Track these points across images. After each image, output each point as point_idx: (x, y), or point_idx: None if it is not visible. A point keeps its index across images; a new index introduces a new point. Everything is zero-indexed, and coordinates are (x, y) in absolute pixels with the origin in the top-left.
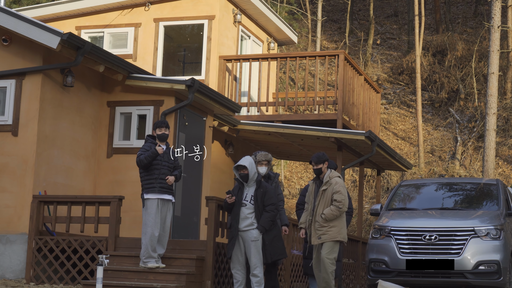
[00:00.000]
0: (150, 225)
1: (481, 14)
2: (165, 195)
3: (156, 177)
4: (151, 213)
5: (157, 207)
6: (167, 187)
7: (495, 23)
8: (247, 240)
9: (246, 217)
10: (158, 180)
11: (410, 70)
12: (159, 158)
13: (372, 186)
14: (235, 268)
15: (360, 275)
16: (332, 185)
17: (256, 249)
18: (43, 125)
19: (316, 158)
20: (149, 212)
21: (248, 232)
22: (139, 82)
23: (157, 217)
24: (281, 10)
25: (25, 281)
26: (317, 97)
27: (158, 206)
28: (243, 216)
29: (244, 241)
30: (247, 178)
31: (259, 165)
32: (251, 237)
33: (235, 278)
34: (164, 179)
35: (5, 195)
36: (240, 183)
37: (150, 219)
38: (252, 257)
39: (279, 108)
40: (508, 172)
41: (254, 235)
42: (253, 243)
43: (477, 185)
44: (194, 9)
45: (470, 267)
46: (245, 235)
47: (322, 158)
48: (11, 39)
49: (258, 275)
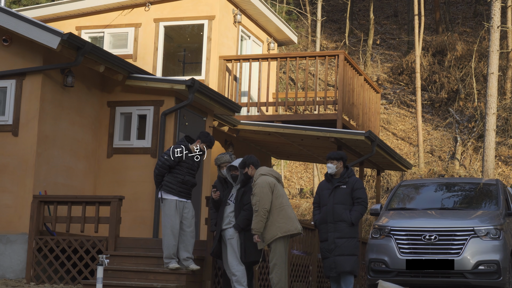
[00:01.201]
0: (168, 226)
1: (480, 14)
2: (183, 199)
3: (178, 181)
4: (168, 215)
5: (175, 209)
6: (187, 192)
7: (494, 23)
8: (225, 238)
9: (227, 216)
10: (180, 184)
11: (410, 70)
12: (185, 162)
13: (372, 186)
14: (226, 268)
15: (360, 275)
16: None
17: (232, 248)
18: (43, 125)
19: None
20: (166, 213)
21: (225, 231)
22: (139, 82)
23: (176, 218)
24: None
25: (25, 281)
26: (317, 97)
27: (176, 207)
28: (225, 215)
29: (224, 239)
30: (237, 179)
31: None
32: (227, 235)
33: (234, 274)
34: (186, 183)
35: (5, 195)
36: (224, 183)
37: (168, 220)
38: (228, 255)
39: (279, 108)
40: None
41: (230, 233)
42: (229, 241)
43: (476, 185)
44: (194, 9)
45: (470, 267)
46: (223, 234)
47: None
48: (11, 39)
49: (235, 273)
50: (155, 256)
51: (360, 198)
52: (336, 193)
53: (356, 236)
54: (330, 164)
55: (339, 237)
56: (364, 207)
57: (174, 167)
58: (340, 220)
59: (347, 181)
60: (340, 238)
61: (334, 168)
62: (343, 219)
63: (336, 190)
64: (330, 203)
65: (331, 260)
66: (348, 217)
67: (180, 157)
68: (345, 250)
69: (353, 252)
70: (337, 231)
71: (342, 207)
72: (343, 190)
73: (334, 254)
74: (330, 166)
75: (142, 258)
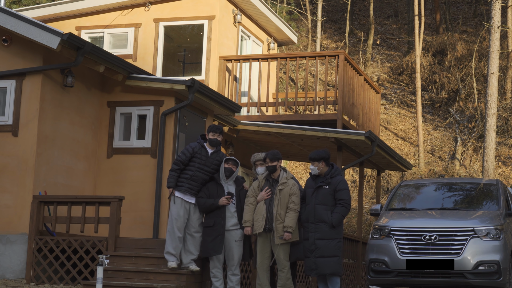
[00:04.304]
0: (170, 222)
1: (481, 14)
2: (191, 198)
3: (188, 177)
4: (172, 211)
5: (180, 206)
6: (196, 189)
7: (495, 23)
8: (231, 239)
9: (232, 216)
10: (188, 180)
11: (410, 70)
12: (197, 158)
13: (372, 186)
14: (216, 267)
15: (360, 275)
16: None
17: (239, 249)
18: (43, 125)
19: (271, 155)
20: (171, 212)
21: (232, 232)
22: (139, 82)
23: (179, 216)
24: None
25: (25, 281)
26: (317, 97)
27: (182, 205)
28: (230, 215)
29: (226, 239)
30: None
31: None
32: (235, 237)
33: (216, 276)
34: (195, 180)
35: (5, 195)
36: (218, 182)
37: (171, 217)
38: (236, 256)
39: (279, 108)
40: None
41: (239, 236)
42: (237, 243)
43: (477, 185)
44: (194, 10)
45: (470, 267)
46: (229, 235)
47: (277, 155)
48: (11, 39)
49: (238, 273)
50: (155, 257)
51: (343, 199)
52: (319, 193)
53: (338, 236)
54: (312, 166)
55: (319, 238)
56: (346, 208)
57: (187, 164)
58: (321, 221)
59: (329, 182)
60: (321, 240)
61: (316, 169)
62: (324, 220)
63: (318, 190)
64: (312, 203)
65: (312, 260)
66: (329, 218)
67: (193, 153)
68: (325, 251)
69: (334, 253)
70: (317, 231)
71: (324, 207)
72: (325, 191)
73: (315, 255)
74: (312, 168)
75: (142, 259)
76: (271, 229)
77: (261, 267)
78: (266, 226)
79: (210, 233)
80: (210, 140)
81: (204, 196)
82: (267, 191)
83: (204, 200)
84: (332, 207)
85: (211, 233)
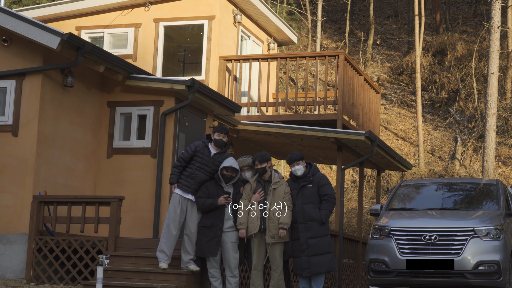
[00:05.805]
0: (166, 220)
1: (481, 14)
2: (188, 195)
3: (187, 175)
4: (169, 208)
5: (178, 204)
6: (193, 188)
7: (495, 23)
8: (227, 241)
9: (229, 218)
10: (187, 178)
11: (410, 70)
12: (198, 157)
13: (372, 186)
14: (213, 267)
15: (360, 275)
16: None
17: (235, 251)
18: (43, 125)
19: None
20: (168, 208)
21: (229, 234)
22: (139, 82)
23: (175, 214)
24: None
25: (25, 281)
26: (317, 97)
27: (179, 203)
28: (227, 217)
29: (223, 241)
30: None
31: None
32: (232, 239)
33: (214, 276)
34: (193, 178)
35: (5, 195)
36: (218, 183)
37: (168, 214)
38: (232, 258)
39: (279, 108)
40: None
41: (235, 238)
42: (233, 244)
43: (477, 185)
44: (194, 10)
45: (470, 267)
46: (225, 236)
47: (265, 157)
48: (11, 39)
49: (238, 275)
50: (155, 257)
51: (327, 194)
52: (304, 193)
53: (328, 233)
54: (298, 166)
55: (311, 237)
56: (332, 203)
57: (189, 162)
58: (311, 220)
59: (312, 180)
60: (313, 238)
61: (302, 168)
62: (314, 219)
63: (302, 189)
64: (299, 203)
65: (304, 260)
66: (318, 216)
67: (195, 151)
68: (319, 249)
69: (327, 250)
70: (308, 230)
71: (311, 206)
72: (310, 190)
73: (308, 254)
74: (299, 168)
75: (142, 259)
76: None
77: (256, 268)
78: (261, 227)
79: (207, 233)
80: (215, 140)
81: (203, 195)
82: (260, 193)
83: (204, 200)
84: (319, 204)
85: (208, 234)
